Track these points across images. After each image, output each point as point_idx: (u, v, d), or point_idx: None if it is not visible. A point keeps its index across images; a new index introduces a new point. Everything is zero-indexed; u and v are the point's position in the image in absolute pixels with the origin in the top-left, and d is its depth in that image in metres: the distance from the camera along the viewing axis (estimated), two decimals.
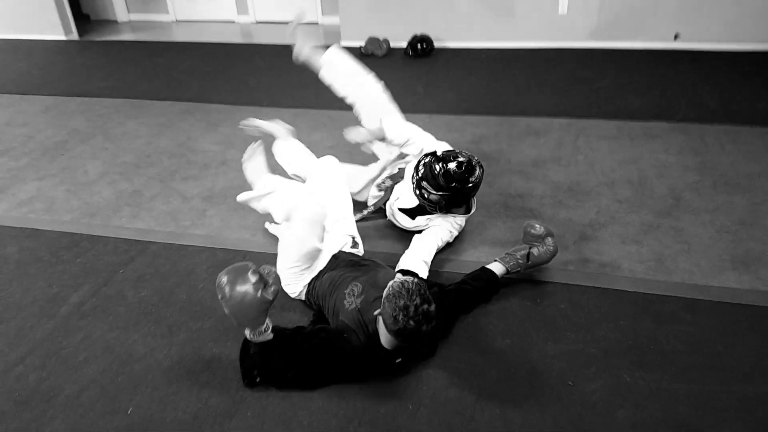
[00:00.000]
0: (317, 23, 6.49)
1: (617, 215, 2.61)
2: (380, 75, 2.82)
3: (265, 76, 4.79)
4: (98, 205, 2.91)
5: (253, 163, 2.57)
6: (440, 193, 2.24)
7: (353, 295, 1.85)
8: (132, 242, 2.58)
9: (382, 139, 2.56)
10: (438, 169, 2.21)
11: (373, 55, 5.23)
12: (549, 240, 2.16)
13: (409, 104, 3.98)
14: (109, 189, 3.06)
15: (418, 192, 2.32)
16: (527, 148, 3.30)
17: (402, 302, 1.59)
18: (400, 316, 1.58)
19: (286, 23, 6.57)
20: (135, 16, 7.06)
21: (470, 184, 2.21)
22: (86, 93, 4.48)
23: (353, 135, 2.53)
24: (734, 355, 1.84)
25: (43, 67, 5.29)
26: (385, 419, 1.67)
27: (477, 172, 2.22)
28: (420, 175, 2.28)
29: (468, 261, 2.33)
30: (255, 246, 2.51)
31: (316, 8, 6.45)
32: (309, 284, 2.05)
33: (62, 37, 6.15)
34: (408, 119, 2.59)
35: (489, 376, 1.80)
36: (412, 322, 1.58)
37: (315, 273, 2.04)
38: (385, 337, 1.70)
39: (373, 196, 2.63)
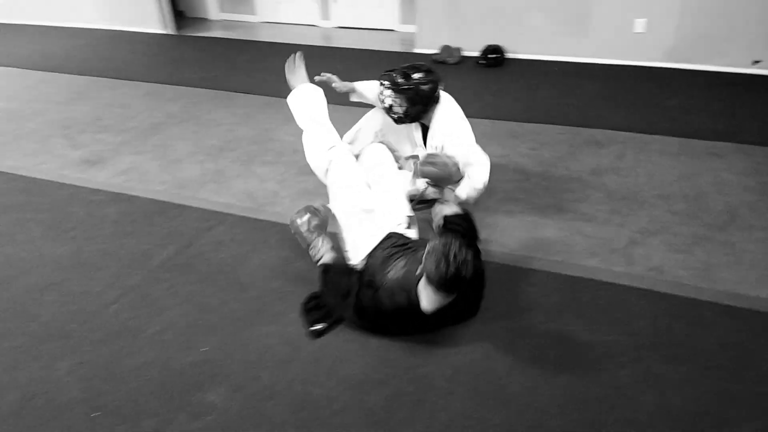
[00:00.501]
0: (394, 30, 6.76)
1: (669, 225, 2.68)
2: (451, 82, 3.00)
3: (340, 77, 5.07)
4: (186, 180, 3.24)
5: (297, 73, 2.77)
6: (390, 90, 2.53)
7: (398, 267, 2.04)
8: (214, 213, 2.88)
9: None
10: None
11: (445, 63, 5.42)
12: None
13: (474, 110, 4.16)
14: (196, 167, 3.40)
15: (382, 103, 2.61)
16: (587, 157, 3.40)
17: (443, 250, 1.75)
18: (442, 264, 1.73)
19: (364, 29, 6.85)
20: (226, 16, 7.57)
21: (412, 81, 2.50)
22: (180, 82, 4.91)
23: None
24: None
25: (143, 57, 5.81)
26: (426, 378, 1.86)
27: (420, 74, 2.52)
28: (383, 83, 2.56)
29: (518, 254, 2.48)
30: None
31: (395, 17, 6.72)
32: (366, 261, 2.24)
33: (161, 31, 6.72)
34: (472, 123, 2.72)
35: (522, 355, 1.95)
36: (452, 269, 1.72)
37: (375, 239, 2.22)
38: (427, 299, 1.86)
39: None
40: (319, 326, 2.07)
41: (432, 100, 2.59)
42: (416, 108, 2.56)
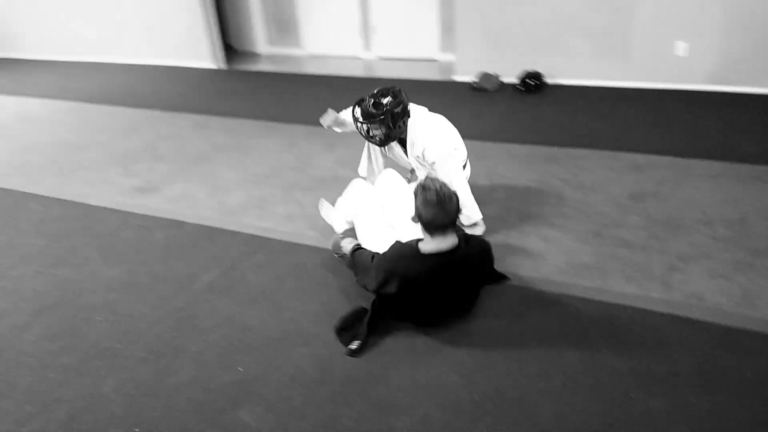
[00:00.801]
0: (434, 60, 6.88)
1: (710, 251, 2.61)
2: (490, 108, 3.05)
3: None
4: (231, 206, 3.39)
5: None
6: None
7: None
8: (256, 237, 3.00)
9: None
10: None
11: (484, 90, 5.47)
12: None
13: (513, 135, 4.20)
14: (241, 194, 3.54)
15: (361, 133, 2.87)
16: (627, 182, 3.36)
17: (422, 187, 2.08)
18: (426, 195, 2.04)
19: (405, 59, 6.99)
20: (273, 49, 7.89)
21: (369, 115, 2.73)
22: (228, 114, 5.15)
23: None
24: None
25: (195, 90, 6.12)
26: (454, 404, 1.87)
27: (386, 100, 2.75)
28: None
29: (553, 280, 2.48)
30: None
31: (435, 46, 6.84)
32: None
33: (213, 66, 7.06)
34: (510, 149, 2.77)
35: (554, 382, 1.93)
36: (433, 195, 2.03)
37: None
38: (425, 240, 2.13)
39: None
40: (355, 345, 2.13)
41: (404, 118, 2.81)
42: (394, 130, 2.79)
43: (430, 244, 2.12)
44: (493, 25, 5.57)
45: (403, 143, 2.94)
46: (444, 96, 5.34)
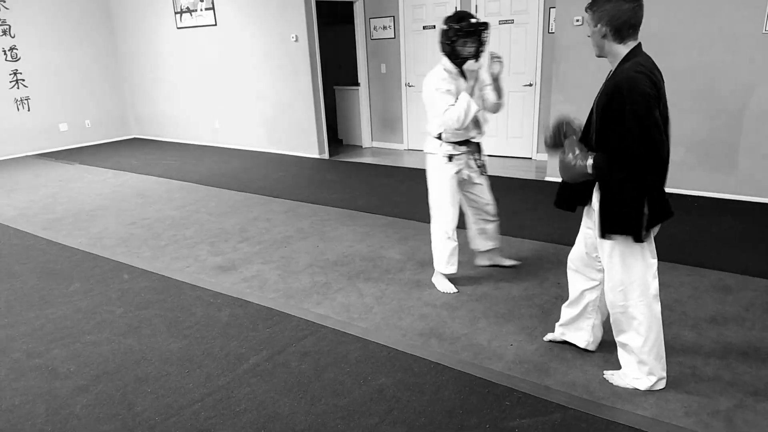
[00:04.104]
0: (531, 159, 6.89)
1: None
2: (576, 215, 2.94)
3: None
4: (296, 290, 3.51)
5: None
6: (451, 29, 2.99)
7: None
8: (310, 323, 3.06)
9: None
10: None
11: None
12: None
13: None
14: (308, 279, 3.67)
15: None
16: (710, 303, 3.05)
17: None
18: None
19: (502, 156, 7.03)
20: (376, 143, 8.33)
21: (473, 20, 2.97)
22: (317, 201, 5.44)
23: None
24: None
25: (294, 177, 6.56)
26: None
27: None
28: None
29: (602, 403, 2.26)
30: (401, 345, 2.78)
31: (532, 147, 6.89)
32: None
33: (316, 156, 7.57)
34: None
35: None
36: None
37: None
38: (619, 53, 2.13)
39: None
40: None
41: None
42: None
43: (625, 49, 2.08)
44: None
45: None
46: (538, 194, 5.30)
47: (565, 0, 5.41)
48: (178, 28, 8.57)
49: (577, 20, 5.36)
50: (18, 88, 8.41)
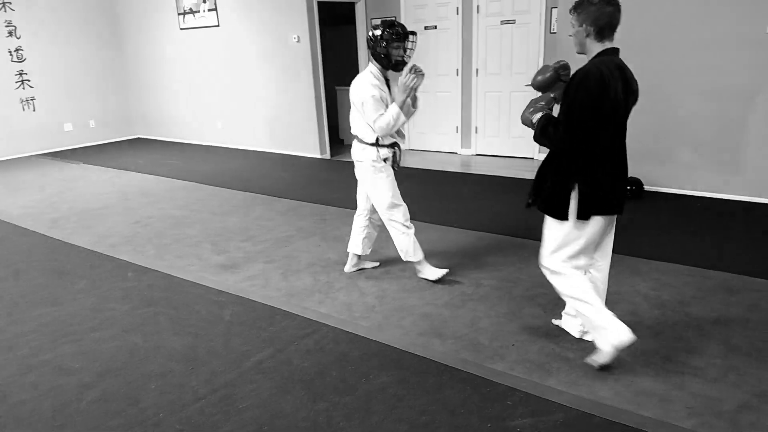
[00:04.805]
0: (533, 159, 6.89)
1: None
2: None
3: (467, 201, 5.25)
4: (298, 289, 3.52)
5: None
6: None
7: None
8: (312, 322, 3.08)
9: None
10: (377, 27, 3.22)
11: None
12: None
13: None
14: (310, 278, 3.69)
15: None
16: (713, 304, 3.06)
17: None
18: None
19: (503, 156, 7.05)
20: None
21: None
22: (318, 200, 5.46)
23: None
24: None
25: (294, 177, 6.58)
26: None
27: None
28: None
29: (607, 405, 2.27)
30: (403, 344, 2.80)
31: (534, 147, 6.88)
32: None
33: (318, 156, 7.59)
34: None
35: None
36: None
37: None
38: (594, 50, 2.37)
39: None
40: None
41: None
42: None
43: (601, 47, 2.31)
44: None
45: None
46: None
47: (566, 0, 5.42)
48: (182, 28, 8.60)
49: None
50: (24, 88, 8.45)
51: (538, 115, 2.49)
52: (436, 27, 7.17)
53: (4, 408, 2.45)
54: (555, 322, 2.93)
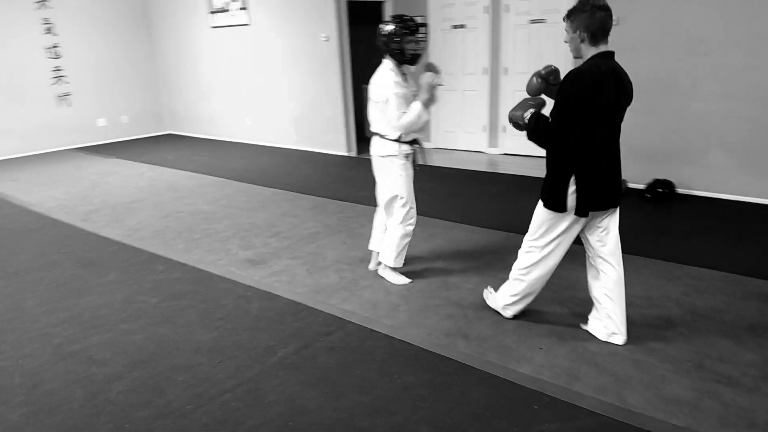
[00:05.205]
0: None
1: None
2: None
3: (494, 201, 5.20)
4: (324, 285, 3.54)
5: None
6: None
7: None
8: (336, 319, 3.09)
9: None
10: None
11: None
12: None
13: (630, 245, 3.92)
14: (335, 275, 3.70)
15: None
16: (748, 312, 2.97)
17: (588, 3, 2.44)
18: (595, 2, 2.44)
19: (530, 156, 6.97)
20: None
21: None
22: (344, 198, 5.47)
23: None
24: None
25: (321, 174, 6.60)
26: None
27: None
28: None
29: (636, 412, 2.23)
30: (427, 344, 2.78)
31: None
32: None
33: (344, 153, 7.61)
34: (623, 258, 2.75)
35: None
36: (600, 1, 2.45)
37: None
38: (589, 53, 2.48)
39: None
40: None
41: None
42: None
43: (595, 50, 2.42)
44: (624, 132, 5.42)
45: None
46: None
47: None
48: (212, 27, 8.70)
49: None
50: (60, 84, 8.66)
51: (529, 113, 2.59)
52: (464, 26, 7.12)
53: (36, 395, 2.52)
54: (584, 327, 2.89)
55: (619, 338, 2.71)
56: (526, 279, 2.83)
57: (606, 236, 2.66)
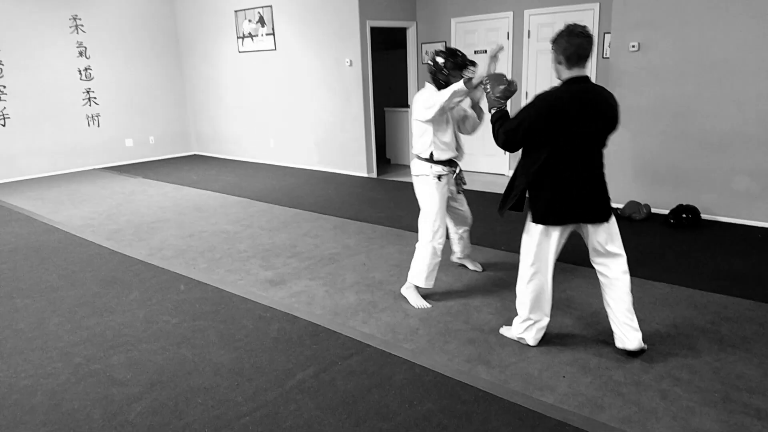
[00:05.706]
0: None
1: None
2: (635, 239, 2.98)
3: (515, 223, 5.15)
4: (342, 307, 3.53)
5: None
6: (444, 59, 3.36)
7: None
8: (355, 342, 3.07)
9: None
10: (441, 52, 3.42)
11: (630, 218, 5.19)
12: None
13: (653, 272, 3.87)
14: (354, 297, 3.69)
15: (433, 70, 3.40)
16: None
17: (567, 28, 2.60)
18: (572, 29, 2.60)
19: None
20: None
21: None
22: (365, 219, 5.48)
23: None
24: None
25: (342, 195, 6.64)
26: None
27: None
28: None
29: None
30: (448, 370, 2.75)
31: None
32: None
33: (365, 174, 7.65)
34: (647, 285, 2.79)
35: None
36: (579, 29, 2.58)
37: None
38: (564, 75, 2.65)
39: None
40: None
41: None
42: None
43: (569, 74, 2.57)
44: (648, 157, 5.37)
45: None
46: None
47: (621, 25, 5.32)
48: (240, 52, 8.89)
49: (633, 46, 5.25)
50: (90, 105, 8.90)
51: (494, 110, 2.82)
52: (485, 51, 7.16)
53: (56, 415, 2.54)
54: (618, 345, 2.85)
55: (627, 345, 2.78)
56: (526, 302, 2.88)
57: (597, 249, 2.80)
